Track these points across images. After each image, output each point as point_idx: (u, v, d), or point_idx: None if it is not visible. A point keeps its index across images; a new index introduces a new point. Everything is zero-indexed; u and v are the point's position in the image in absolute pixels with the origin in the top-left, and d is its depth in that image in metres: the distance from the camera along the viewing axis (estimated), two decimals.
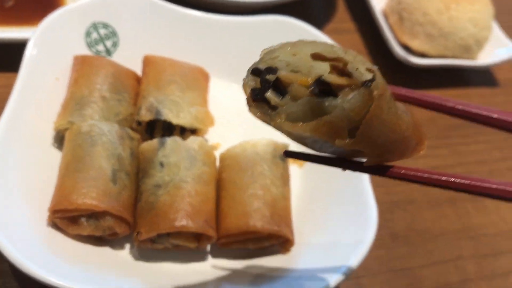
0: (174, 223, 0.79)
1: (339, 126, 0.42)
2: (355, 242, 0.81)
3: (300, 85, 0.44)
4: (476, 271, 0.99)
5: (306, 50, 0.45)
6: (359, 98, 0.41)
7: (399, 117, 0.47)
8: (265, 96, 0.45)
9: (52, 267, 0.72)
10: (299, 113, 0.44)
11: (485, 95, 1.31)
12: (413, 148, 0.53)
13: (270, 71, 0.45)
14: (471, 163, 1.16)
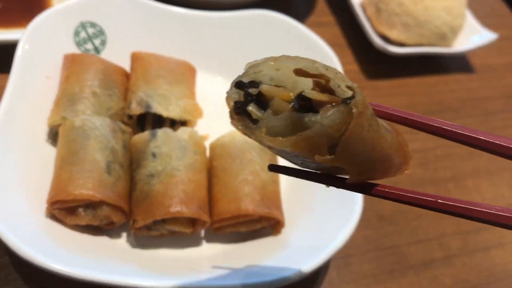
0: (169, 209, 0.82)
1: (318, 142, 0.42)
2: (341, 222, 0.85)
3: (282, 99, 0.44)
4: (459, 247, 1.03)
5: (289, 65, 0.45)
6: (338, 115, 0.41)
7: (381, 135, 0.47)
8: (247, 109, 0.45)
9: (53, 254, 0.74)
10: (279, 128, 0.43)
11: (461, 81, 1.36)
12: (397, 167, 0.52)
13: (253, 85, 0.45)
14: (451, 145, 1.18)
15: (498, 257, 1.03)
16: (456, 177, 1.15)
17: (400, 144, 0.52)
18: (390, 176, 0.52)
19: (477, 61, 1.42)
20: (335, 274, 0.93)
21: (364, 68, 1.31)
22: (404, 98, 1.27)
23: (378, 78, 1.30)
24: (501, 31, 1.37)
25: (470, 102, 1.32)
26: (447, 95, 1.32)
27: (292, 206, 0.93)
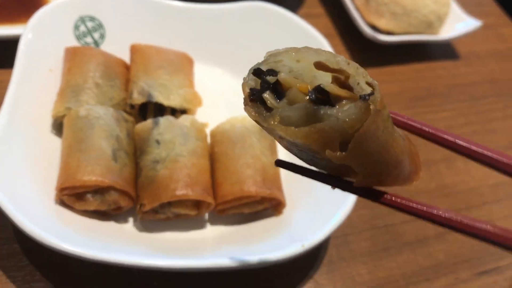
0: (175, 192, 0.85)
1: (331, 136, 0.41)
2: (339, 201, 0.89)
3: (299, 90, 0.43)
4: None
5: (310, 58, 0.44)
6: (355, 110, 0.40)
7: (395, 139, 0.46)
8: (262, 97, 0.44)
9: (64, 236, 0.77)
10: (293, 118, 0.43)
11: (448, 67, 1.41)
12: (407, 176, 0.51)
13: (271, 73, 0.44)
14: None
15: None
16: (447, 159, 1.19)
17: (412, 153, 0.51)
18: (398, 184, 0.51)
19: (462, 49, 1.47)
20: (334, 252, 0.97)
21: (354, 56, 1.35)
22: (394, 85, 1.32)
23: (368, 66, 1.34)
24: (484, 19, 1.42)
25: (457, 87, 1.36)
26: (434, 81, 1.36)
27: (292, 188, 0.97)
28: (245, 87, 0.46)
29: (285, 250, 0.80)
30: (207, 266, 0.78)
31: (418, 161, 0.53)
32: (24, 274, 0.84)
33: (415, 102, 1.29)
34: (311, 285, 0.92)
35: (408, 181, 0.52)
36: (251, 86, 0.45)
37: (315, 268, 0.94)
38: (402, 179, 0.51)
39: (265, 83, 0.44)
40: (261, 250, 0.81)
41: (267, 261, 0.79)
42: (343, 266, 0.96)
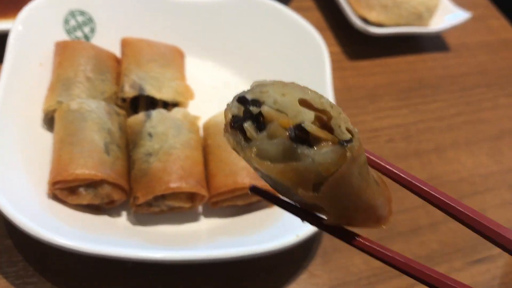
0: (169, 185, 0.85)
1: (305, 176, 0.41)
2: None
3: (280, 125, 0.43)
4: (444, 214, 1.08)
5: (296, 94, 0.44)
6: (331, 155, 0.41)
7: (369, 184, 0.46)
8: (243, 126, 0.43)
9: (58, 230, 0.76)
10: (271, 152, 0.42)
11: (438, 59, 1.42)
12: (377, 220, 0.52)
13: (256, 104, 0.44)
14: (431, 119, 1.26)
15: None
16: (438, 148, 1.20)
17: (385, 199, 0.52)
18: (367, 227, 0.52)
19: (452, 40, 1.48)
20: (328, 243, 0.97)
21: (345, 49, 1.35)
22: (385, 77, 1.32)
23: (359, 59, 1.35)
24: (473, 11, 1.43)
25: (448, 78, 1.37)
26: (425, 72, 1.37)
27: None
28: (227, 113, 0.45)
29: (280, 240, 0.80)
30: (202, 257, 0.78)
31: (390, 206, 0.53)
32: (17, 269, 0.83)
33: (407, 93, 1.30)
34: (305, 276, 0.92)
35: (377, 225, 0.52)
36: (234, 113, 0.44)
37: (310, 259, 0.95)
38: (371, 222, 0.51)
39: (247, 113, 0.44)
40: (256, 241, 0.82)
41: (261, 251, 0.79)
42: (337, 257, 0.96)
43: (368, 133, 1.18)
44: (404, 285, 0.94)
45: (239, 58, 1.16)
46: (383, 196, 0.51)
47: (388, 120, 1.22)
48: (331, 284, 0.92)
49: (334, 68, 1.13)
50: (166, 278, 0.86)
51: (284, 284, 0.90)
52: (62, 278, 0.84)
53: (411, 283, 0.95)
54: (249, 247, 0.79)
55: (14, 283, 0.82)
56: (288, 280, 0.91)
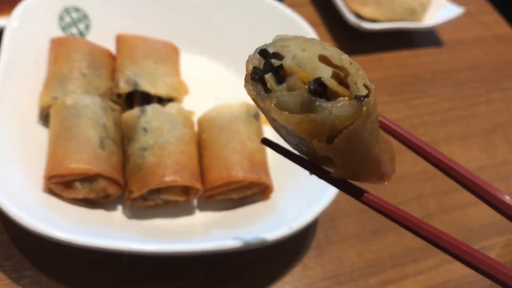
0: (164, 178, 0.86)
1: (321, 128, 0.43)
2: (326, 186, 0.90)
3: (300, 79, 0.44)
4: (437, 206, 1.10)
5: (316, 50, 0.45)
6: (348, 108, 0.42)
7: (378, 141, 0.48)
8: (263, 77, 0.45)
9: (54, 223, 0.77)
10: (289, 104, 0.44)
11: (432, 54, 1.43)
12: (380, 176, 0.54)
13: (277, 57, 0.46)
14: (425, 114, 1.27)
15: (474, 214, 1.09)
16: (431, 143, 1.18)
17: (390, 157, 0.54)
18: (371, 182, 0.54)
19: (446, 36, 1.49)
20: (322, 236, 0.98)
21: (339, 45, 1.36)
22: (380, 72, 1.33)
23: (353, 54, 1.35)
24: (466, 7, 1.44)
25: (441, 73, 1.38)
26: (419, 67, 1.38)
27: (279, 173, 0.98)
28: (248, 64, 0.47)
29: (273, 232, 0.81)
30: (195, 250, 0.79)
31: (393, 164, 0.56)
32: (13, 263, 0.84)
33: (401, 88, 1.31)
34: (299, 269, 0.93)
35: (380, 181, 0.55)
36: (255, 64, 0.46)
37: (304, 251, 0.96)
38: (375, 178, 0.53)
39: (268, 65, 0.46)
40: (250, 233, 0.82)
41: (255, 243, 0.80)
42: (331, 249, 0.97)
43: None
44: (397, 277, 0.96)
45: (234, 54, 1.17)
46: (389, 154, 0.53)
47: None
48: (324, 276, 0.93)
49: None
50: (162, 271, 0.87)
51: (279, 276, 0.91)
52: (58, 272, 0.84)
53: (404, 274, 0.96)
54: (243, 239, 0.80)
55: (11, 276, 0.83)
56: (282, 272, 0.92)
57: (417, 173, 1.14)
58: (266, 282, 0.90)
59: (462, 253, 0.51)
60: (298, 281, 0.92)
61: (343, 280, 0.93)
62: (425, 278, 0.97)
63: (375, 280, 0.95)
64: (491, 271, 0.48)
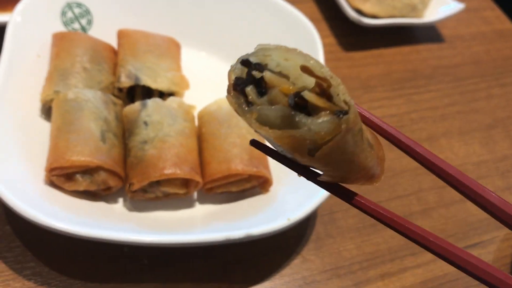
0: (164, 171, 0.87)
1: (301, 143, 0.43)
2: None
3: (281, 91, 0.44)
4: (436, 201, 1.10)
5: (298, 60, 0.45)
6: (327, 125, 0.42)
7: (362, 150, 0.48)
8: (245, 90, 0.45)
9: (55, 215, 0.78)
10: (270, 118, 0.44)
11: (433, 50, 1.43)
12: (368, 178, 0.54)
13: (259, 68, 0.45)
14: (425, 109, 1.27)
15: (473, 208, 1.09)
16: (431, 137, 1.21)
17: (378, 159, 0.54)
18: (359, 184, 0.54)
19: (447, 32, 1.49)
20: (321, 229, 0.99)
21: (340, 40, 1.37)
22: (380, 67, 1.34)
23: (354, 50, 1.36)
24: (467, 3, 1.44)
25: (442, 69, 1.39)
26: (420, 63, 1.38)
27: (278, 166, 0.96)
28: (231, 74, 0.46)
29: (272, 224, 0.82)
30: (195, 241, 0.80)
31: (382, 166, 0.56)
32: (15, 254, 0.86)
33: (401, 83, 1.31)
34: (298, 261, 0.94)
35: (369, 182, 0.55)
36: (238, 74, 0.46)
37: (303, 244, 0.96)
38: (364, 180, 0.54)
39: (250, 77, 0.46)
40: (248, 225, 0.83)
41: (254, 235, 0.81)
42: (330, 242, 0.98)
43: None
44: (395, 270, 0.96)
45: (234, 49, 1.17)
46: (376, 158, 0.53)
47: (382, 110, 1.23)
48: (323, 269, 0.94)
49: (329, 59, 1.15)
50: (162, 263, 0.88)
51: (278, 268, 0.92)
52: (59, 263, 0.86)
53: (403, 267, 0.97)
54: (242, 231, 0.81)
55: (13, 267, 0.84)
56: (281, 264, 0.93)
57: (416, 168, 1.13)
58: (265, 274, 0.91)
59: (447, 253, 0.51)
60: (297, 273, 0.92)
61: (342, 273, 0.94)
62: (423, 271, 0.98)
63: (374, 273, 0.95)
64: (475, 272, 0.49)
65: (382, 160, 0.56)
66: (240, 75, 0.46)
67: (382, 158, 0.55)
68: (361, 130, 0.47)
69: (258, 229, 0.81)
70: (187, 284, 0.88)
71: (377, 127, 0.57)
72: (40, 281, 0.83)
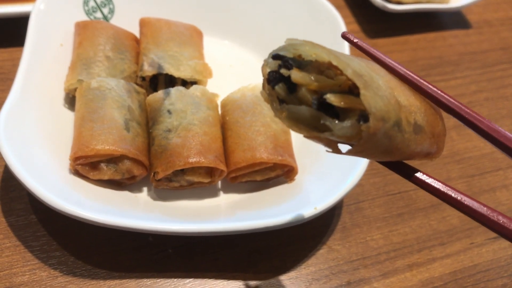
0: (188, 160, 0.86)
1: (329, 142, 0.45)
2: (350, 168, 0.89)
3: (308, 90, 0.45)
4: (464, 190, 1.07)
5: (324, 57, 0.46)
6: (349, 131, 0.43)
7: (401, 141, 0.48)
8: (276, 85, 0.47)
9: (81, 204, 0.78)
10: (299, 116, 0.45)
11: (459, 36, 1.39)
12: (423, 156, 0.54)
13: (287, 66, 0.46)
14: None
15: (503, 197, 1.07)
16: (458, 125, 1.17)
17: (434, 137, 0.53)
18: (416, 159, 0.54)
19: (474, 17, 1.45)
20: (347, 219, 0.97)
21: (364, 27, 1.34)
22: (405, 54, 1.31)
23: (378, 36, 1.33)
24: None
25: (469, 55, 1.35)
26: (446, 49, 1.35)
27: (304, 155, 0.97)
28: (265, 69, 0.48)
29: (298, 213, 0.81)
30: (221, 229, 0.79)
31: (441, 141, 0.55)
32: (41, 243, 0.86)
33: (427, 70, 1.28)
34: (324, 251, 0.93)
35: (426, 159, 0.55)
36: (272, 68, 0.48)
37: (329, 234, 0.95)
38: (420, 158, 0.54)
39: (279, 75, 0.47)
40: (274, 214, 0.82)
41: (280, 224, 0.80)
42: (356, 232, 0.96)
43: None
44: (423, 260, 0.94)
45: (257, 36, 1.16)
46: (430, 137, 0.52)
47: None
48: (350, 259, 0.92)
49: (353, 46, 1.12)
50: (187, 252, 0.88)
51: (303, 258, 0.91)
52: (84, 252, 0.85)
53: (431, 258, 0.95)
54: (268, 220, 0.80)
55: (39, 257, 0.84)
56: (307, 254, 0.91)
57: (444, 156, 1.12)
58: (290, 264, 0.90)
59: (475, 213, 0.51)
60: (323, 263, 0.91)
61: (368, 263, 0.92)
62: (452, 261, 0.95)
63: (402, 263, 0.93)
64: None
65: (440, 135, 0.55)
66: (273, 69, 0.47)
67: (439, 134, 0.55)
68: (399, 121, 0.46)
69: (284, 218, 0.80)
70: (211, 274, 0.87)
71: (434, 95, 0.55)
72: (66, 270, 0.83)
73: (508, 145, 0.52)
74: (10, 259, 0.83)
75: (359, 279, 0.90)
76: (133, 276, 0.84)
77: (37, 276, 0.82)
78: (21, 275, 0.81)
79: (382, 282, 0.90)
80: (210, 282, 0.85)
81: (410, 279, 0.92)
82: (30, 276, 0.82)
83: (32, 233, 0.87)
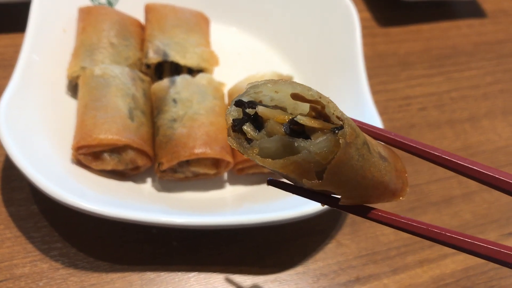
0: (194, 150, 0.83)
1: (306, 167, 0.43)
2: None
3: (277, 122, 0.45)
4: (478, 184, 1.03)
5: (287, 90, 0.46)
6: (325, 144, 0.42)
7: (372, 163, 0.47)
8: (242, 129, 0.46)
9: (82, 195, 0.76)
10: (271, 149, 0.45)
11: (474, 25, 1.36)
12: (392, 193, 0.53)
13: (251, 105, 0.46)
14: (465, 88, 1.21)
15: None
16: (472, 118, 1.15)
17: (397, 171, 0.52)
18: (384, 201, 0.53)
19: (489, 6, 1.41)
20: None
21: (376, 15, 1.30)
22: (418, 44, 1.27)
23: (390, 25, 1.30)
24: None
25: (484, 45, 1.31)
26: (460, 39, 1.31)
27: None
28: (228, 117, 0.47)
29: (306, 206, 0.78)
30: (227, 223, 0.76)
31: (404, 177, 0.54)
32: (42, 234, 0.84)
33: (441, 60, 1.25)
34: (333, 246, 0.90)
35: (394, 198, 0.53)
36: (234, 116, 0.47)
37: (337, 228, 0.92)
38: (387, 196, 0.52)
39: (245, 115, 0.46)
40: (281, 208, 0.79)
41: (288, 217, 0.77)
42: (366, 226, 0.94)
43: (400, 101, 1.14)
44: (434, 256, 0.91)
45: (265, 24, 1.13)
46: (394, 170, 0.52)
47: (420, 88, 1.17)
48: (359, 254, 0.90)
49: (365, 34, 1.09)
50: (192, 245, 0.85)
51: (311, 253, 0.88)
52: (87, 244, 0.83)
53: (443, 254, 0.92)
54: (276, 213, 0.77)
55: (40, 248, 0.82)
56: (315, 249, 0.89)
57: (458, 149, 1.09)
58: (298, 259, 0.87)
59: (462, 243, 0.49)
60: (331, 258, 0.88)
61: (378, 258, 0.90)
62: (465, 257, 0.92)
63: (412, 258, 0.91)
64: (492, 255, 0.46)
65: (402, 172, 0.54)
66: (236, 117, 0.47)
67: (401, 170, 0.54)
68: (366, 143, 0.47)
69: (292, 212, 0.77)
70: (217, 267, 0.84)
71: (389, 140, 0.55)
72: (67, 262, 0.81)
73: None
74: (10, 250, 0.81)
75: (368, 274, 0.88)
76: (136, 269, 0.82)
77: (38, 267, 0.80)
78: (21, 267, 0.79)
79: (392, 278, 0.88)
80: (215, 276, 0.83)
81: (420, 275, 0.89)
82: (31, 267, 0.80)
83: (34, 224, 0.85)
